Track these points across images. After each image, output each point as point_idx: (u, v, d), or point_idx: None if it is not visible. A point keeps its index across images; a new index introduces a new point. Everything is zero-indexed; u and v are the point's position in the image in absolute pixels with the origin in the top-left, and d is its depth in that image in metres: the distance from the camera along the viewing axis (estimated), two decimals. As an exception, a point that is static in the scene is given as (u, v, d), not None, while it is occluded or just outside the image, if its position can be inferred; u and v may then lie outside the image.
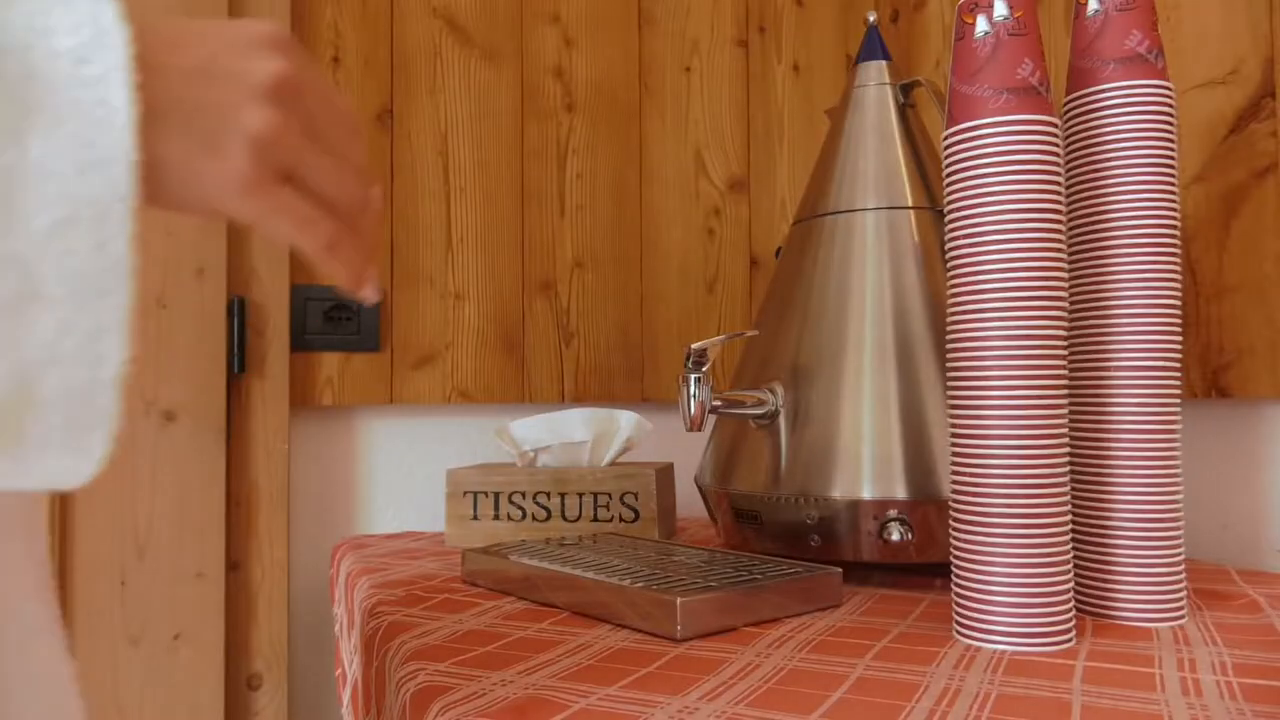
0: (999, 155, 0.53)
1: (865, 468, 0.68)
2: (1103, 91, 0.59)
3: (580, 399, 1.19)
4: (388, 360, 1.11)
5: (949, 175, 0.56)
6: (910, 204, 0.76)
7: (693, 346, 0.68)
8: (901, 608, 0.63)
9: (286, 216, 0.33)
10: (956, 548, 0.55)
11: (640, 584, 0.59)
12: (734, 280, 1.18)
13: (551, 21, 1.20)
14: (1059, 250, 0.54)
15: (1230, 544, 0.88)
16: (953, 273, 0.56)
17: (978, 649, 0.53)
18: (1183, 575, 0.58)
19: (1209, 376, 0.87)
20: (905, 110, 0.80)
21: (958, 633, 0.55)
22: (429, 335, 1.13)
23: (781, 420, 0.73)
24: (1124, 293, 0.59)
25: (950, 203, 0.56)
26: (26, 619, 0.39)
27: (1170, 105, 0.59)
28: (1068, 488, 0.54)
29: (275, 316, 1.05)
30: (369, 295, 0.38)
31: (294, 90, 0.33)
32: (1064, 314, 0.54)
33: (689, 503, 1.15)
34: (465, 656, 0.53)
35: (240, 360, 1.03)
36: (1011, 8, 0.54)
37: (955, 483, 0.55)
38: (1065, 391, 0.54)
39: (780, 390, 0.74)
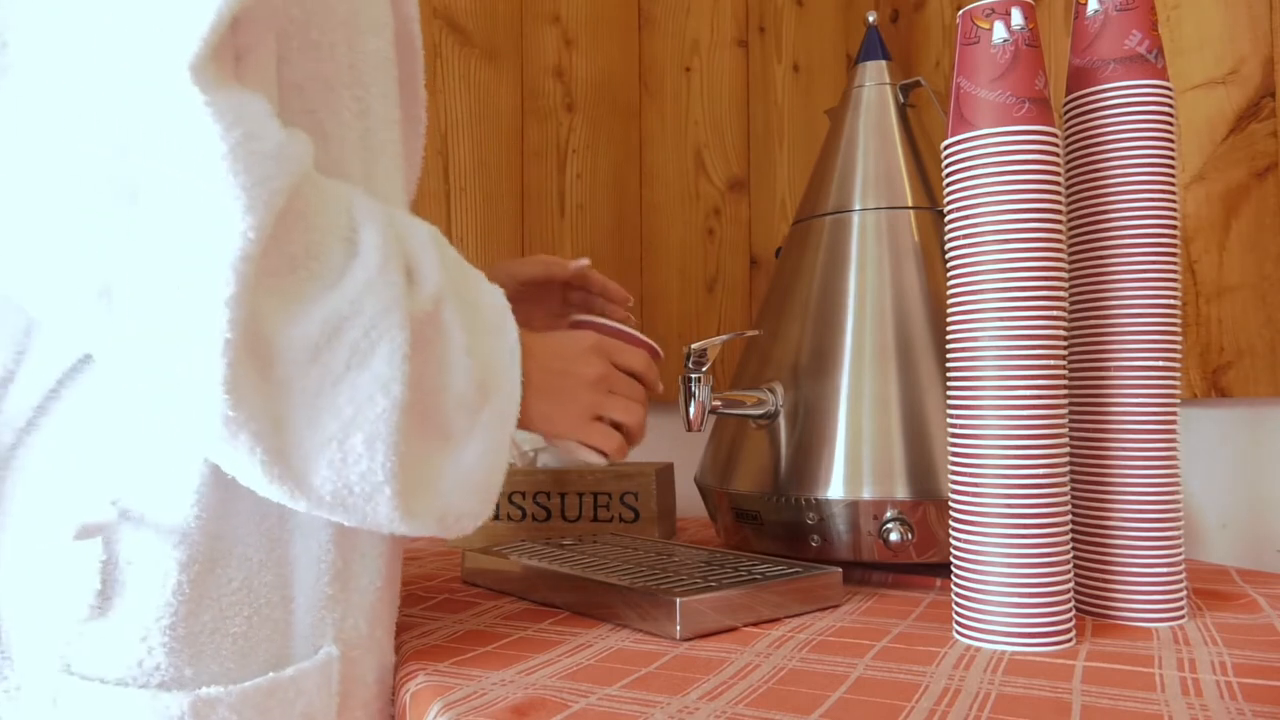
0: (1004, 160, 0.53)
1: (865, 468, 0.68)
2: (1103, 91, 0.59)
3: (580, 399, 1.18)
4: (388, 360, 1.10)
5: (950, 176, 0.56)
6: (910, 204, 0.76)
7: (693, 346, 0.68)
8: (901, 608, 0.63)
9: (598, 439, 0.59)
10: (956, 548, 0.55)
11: (640, 584, 0.59)
12: (734, 280, 1.18)
13: (551, 22, 1.20)
14: (1059, 251, 0.54)
15: (1230, 544, 0.88)
16: (952, 273, 0.56)
17: (977, 649, 0.53)
18: (1183, 575, 0.58)
19: (1209, 376, 0.87)
20: (905, 110, 0.80)
21: (957, 633, 0.55)
22: (429, 335, 1.12)
23: (781, 420, 0.73)
24: (1123, 293, 0.58)
25: (950, 203, 0.56)
26: None
27: (1170, 105, 0.59)
28: (1067, 488, 0.54)
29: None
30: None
31: (606, 379, 0.59)
32: (1063, 315, 0.54)
33: (689, 503, 1.15)
34: (465, 656, 0.54)
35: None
36: (1026, 19, 0.54)
37: (954, 483, 0.55)
38: (1064, 392, 0.54)
39: (780, 390, 0.74)
